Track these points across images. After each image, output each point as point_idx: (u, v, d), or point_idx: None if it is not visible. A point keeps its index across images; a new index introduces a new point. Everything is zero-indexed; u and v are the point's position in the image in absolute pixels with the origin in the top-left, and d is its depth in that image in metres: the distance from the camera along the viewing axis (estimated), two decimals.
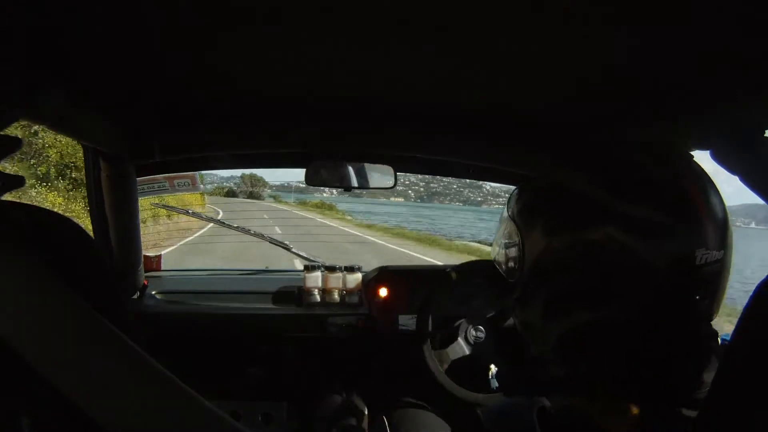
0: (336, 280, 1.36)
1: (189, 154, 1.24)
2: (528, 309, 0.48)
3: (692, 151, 0.73)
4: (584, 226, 0.43)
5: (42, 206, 0.54)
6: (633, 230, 0.41)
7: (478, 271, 1.19)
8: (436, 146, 1.23)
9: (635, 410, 0.43)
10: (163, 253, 1.48)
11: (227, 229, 1.82)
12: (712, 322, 0.45)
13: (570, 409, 0.45)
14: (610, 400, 0.45)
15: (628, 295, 0.42)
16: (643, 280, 0.41)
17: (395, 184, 1.28)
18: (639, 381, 0.44)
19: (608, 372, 0.45)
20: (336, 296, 1.35)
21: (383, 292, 1.35)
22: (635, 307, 0.42)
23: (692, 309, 0.43)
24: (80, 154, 1.28)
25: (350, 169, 1.28)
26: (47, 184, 8.49)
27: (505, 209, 0.51)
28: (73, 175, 8.50)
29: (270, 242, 1.81)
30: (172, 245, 8.35)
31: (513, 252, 0.48)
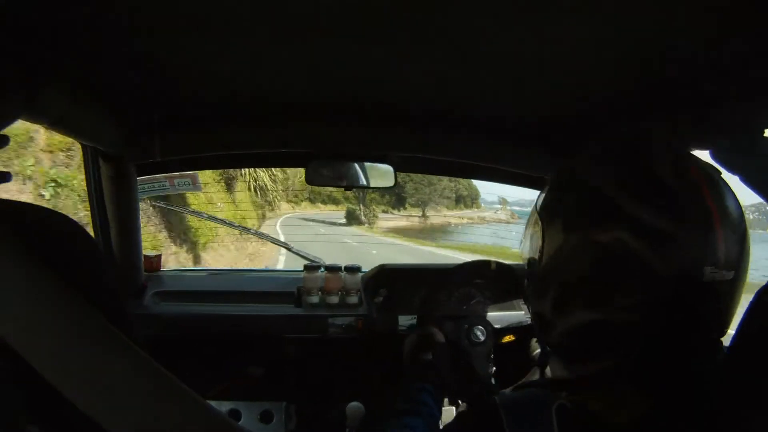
0: (336, 281, 1.35)
1: (189, 154, 1.24)
2: (541, 301, 0.49)
3: (692, 150, 0.73)
4: (597, 225, 0.43)
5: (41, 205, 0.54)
6: (644, 236, 0.41)
7: (479, 270, 1.19)
8: (436, 146, 1.23)
9: (632, 413, 0.44)
10: None
11: None
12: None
13: (581, 403, 0.46)
14: (608, 400, 0.46)
15: (631, 300, 0.42)
16: (647, 287, 0.41)
17: (396, 184, 1.28)
18: (634, 387, 0.44)
19: (604, 373, 0.45)
20: (335, 297, 1.34)
21: (383, 292, 1.35)
22: (636, 313, 0.42)
23: (695, 324, 0.42)
24: None
25: (350, 168, 1.27)
26: None
27: (534, 203, 0.53)
28: None
29: (272, 242, 1.80)
30: None
31: (534, 245, 0.50)
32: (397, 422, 0.73)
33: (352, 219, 24.99)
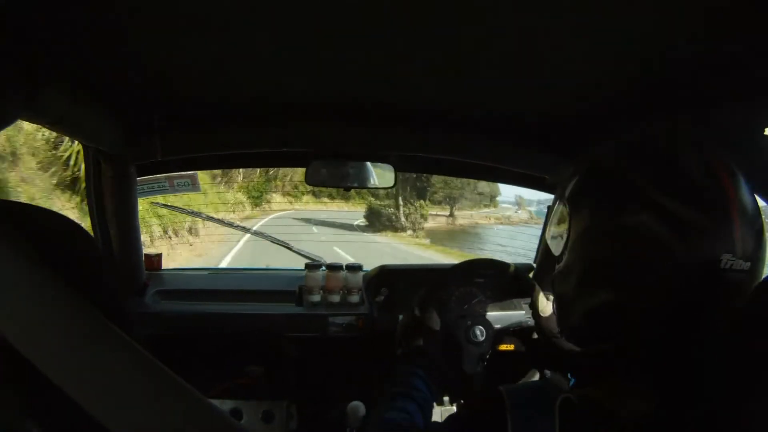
0: (337, 280, 1.35)
1: (189, 154, 1.25)
2: (564, 282, 0.52)
3: None
4: (622, 210, 0.46)
5: (42, 205, 0.54)
6: (665, 222, 0.43)
7: (478, 270, 1.19)
8: (437, 146, 1.23)
9: (644, 399, 0.44)
10: None
11: None
12: None
13: (587, 396, 0.47)
14: (613, 392, 0.46)
15: (650, 281, 0.44)
16: (666, 269, 0.43)
17: (396, 184, 1.28)
18: (648, 370, 0.45)
19: (619, 356, 0.47)
20: (337, 296, 1.34)
21: (384, 291, 1.35)
22: (654, 295, 0.44)
23: (712, 311, 0.44)
24: None
25: (351, 168, 1.27)
26: None
27: (561, 191, 0.56)
28: None
29: (271, 241, 1.80)
30: None
31: (561, 229, 0.53)
32: (392, 405, 0.72)
33: (377, 221, 18.28)
